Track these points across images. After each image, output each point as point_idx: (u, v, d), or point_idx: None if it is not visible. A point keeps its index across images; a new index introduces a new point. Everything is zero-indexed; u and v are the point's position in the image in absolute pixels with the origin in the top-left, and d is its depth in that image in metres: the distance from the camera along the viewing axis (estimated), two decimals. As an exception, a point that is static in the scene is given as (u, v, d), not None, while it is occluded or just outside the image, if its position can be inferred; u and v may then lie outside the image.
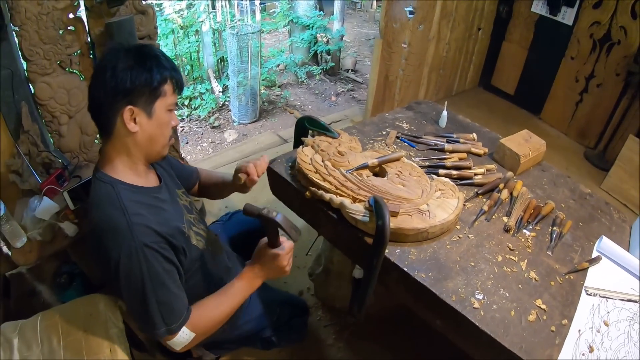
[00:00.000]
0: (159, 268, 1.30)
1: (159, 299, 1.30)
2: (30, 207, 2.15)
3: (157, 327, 1.32)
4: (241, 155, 4.20)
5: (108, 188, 1.33)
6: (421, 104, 2.55)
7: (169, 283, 1.33)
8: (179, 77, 1.41)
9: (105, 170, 1.37)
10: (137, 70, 1.29)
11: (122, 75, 1.27)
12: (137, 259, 1.25)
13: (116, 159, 1.37)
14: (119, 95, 1.28)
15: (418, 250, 1.53)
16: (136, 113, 1.31)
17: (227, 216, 2.24)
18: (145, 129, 1.34)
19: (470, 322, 1.31)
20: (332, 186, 1.64)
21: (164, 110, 1.37)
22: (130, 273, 1.27)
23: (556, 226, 1.71)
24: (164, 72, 1.33)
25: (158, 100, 1.34)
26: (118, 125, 1.31)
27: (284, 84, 6.33)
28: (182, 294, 1.38)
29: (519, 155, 1.95)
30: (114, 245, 1.26)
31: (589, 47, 3.98)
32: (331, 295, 2.44)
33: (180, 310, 1.35)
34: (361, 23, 9.29)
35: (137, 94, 1.29)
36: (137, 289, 1.28)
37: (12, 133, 2.27)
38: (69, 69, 2.36)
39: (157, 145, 1.41)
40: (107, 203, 1.31)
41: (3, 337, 1.64)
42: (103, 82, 1.28)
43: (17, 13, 2.07)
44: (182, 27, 5.60)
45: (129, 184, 1.37)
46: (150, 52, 1.35)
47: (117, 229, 1.26)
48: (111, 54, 1.32)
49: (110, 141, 1.36)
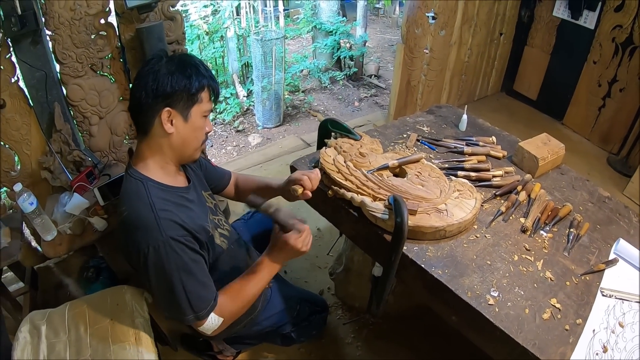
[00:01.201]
0: (186, 258, 1.37)
1: (186, 288, 1.37)
2: (61, 203, 2.24)
3: (186, 314, 1.40)
4: (265, 158, 4.25)
5: (139, 184, 1.41)
6: (442, 107, 2.58)
7: (196, 272, 1.40)
8: (216, 85, 1.48)
9: (137, 168, 1.44)
10: (178, 77, 1.37)
11: (164, 80, 1.35)
12: (165, 252, 1.32)
13: (149, 157, 1.45)
14: (159, 98, 1.36)
15: (435, 248, 1.57)
16: (173, 115, 1.39)
17: (248, 215, 2.30)
18: (180, 132, 1.42)
19: (485, 318, 1.34)
20: (353, 185, 1.69)
21: (199, 116, 1.44)
22: (158, 265, 1.34)
23: (573, 228, 1.72)
24: (202, 80, 1.41)
25: (195, 105, 1.42)
26: (155, 125, 1.39)
27: (308, 89, 6.37)
28: (210, 283, 1.45)
29: (538, 158, 1.97)
30: (143, 239, 1.33)
31: (611, 51, 3.92)
32: (351, 294, 2.48)
33: (207, 298, 1.43)
34: (384, 29, 9.29)
35: (176, 98, 1.37)
36: (166, 280, 1.36)
37: (45, 132, 2.37)
38: (100, 72, 2.45)
39: (190, 148, 1.49)
40: (137, 198, 1.39)
41: (31, 324, 1.71)
42: (145, 84, 1.36)
43: (51, 18, 2.16)
44: (208, 33, 5.69)
45: (159, 182, 1.44)
46: (190, 60, 1.43)
47: (146, 223, 1.34)
48: (155, 59, 1.40)
49: (146, 140, 1.43)
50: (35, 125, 2.34)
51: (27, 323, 1.71)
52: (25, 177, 2.42)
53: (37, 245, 2.56)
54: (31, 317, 1.75)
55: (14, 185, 1.98)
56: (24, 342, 1.64)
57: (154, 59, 1.41)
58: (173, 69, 1.38)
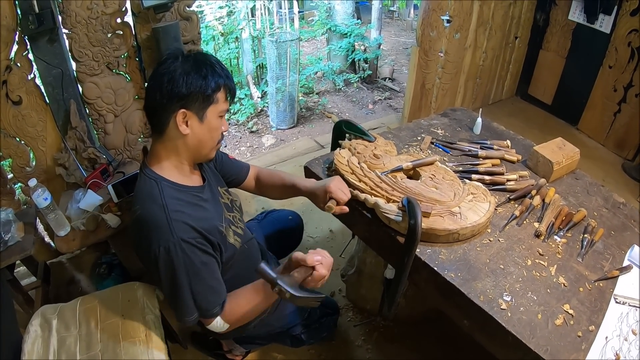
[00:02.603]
0: (196, 261, 1.37)
1: (194, 289, 1.39)
2: (75, 199, 2.26)
3: (189, 315, 1.42)
4: (278, 159, 4.26)
5: (152, 184, 1.41)
6: (456, 111, 2.57)
7: (205, 275, 1.41)
8: (232, 85, 1.47)
9: (152, 167, 1.45)
10: (193, 77, 1.35)
11: (179, 81, 1.34)
12: (175, 253, 1.33)
13: (164, 157, 1.45)
14: (174, 99, 1.35)
15: (448, 251, 1.56)
16: (189, 116, 1.38)
17: (262, 215, 2.30)
18: (196, 132, 1.41)
19: (497, 323, 1.34)
20: (367, 187, 1.70)
21: (215, 116, 1.43)
22: (168, 265, 1.35)
23: (587, 233, 1.70)
24: (218, 80, 1.39)
25: (211, 106, 1.40)
26: (171, 126, 1.38)
27: (322, 91, 6.38)
28: (219, 286, 1.46)
29: (552, 163, 1.96)
30: (154, 239, 1.34)
31: (627, 55, 3.87)
32: (362, 296, 2.47)
33: (214, 301, 1.44)
34: (398, 31, 9.29)
35: (192, 99, 1.36)
36: (175, 280, 1.37)
37: (61, 129, 2.40)
38: (116, 71, 2.48)
39: (206, 148, 1.48)
40: (150, 198, 1.39)
41: (42, 318, 1.73)
42: (160, 85, 1.35)
43: (68, 17, 2.19)
44: (223, 34, 5.72)
45: (173, 182, 1.44)
46: (206, 60, 1.41)
47: (158, 224, 1.34)
48: (170, 59, 1.39)
49: (161, 140, 1.43)
50: (50, 122, 2.37)
51: (39, 317, 1.73)
52: (40, 173, 2.45)
53: (50, 241, 2.60)
54: (42, 311, 1.76)
55: (29, 181, 2.00)
56: (34, 336, 1.66)
57: (169, 58, 1.39)
58: (189, 69, 1.36)
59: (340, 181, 1.68)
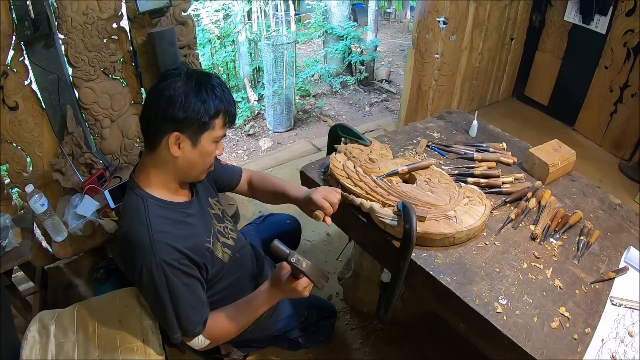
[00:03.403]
0: (178, 282, 1.36)
1: (176, 309, 1.38)
2: (72, 204, 2.27)
3: (173, 332, 1.43)
4: (275, 162, 4.27)
5: (139, 201, 1.39)
6: (452, 113, 2.58)
7: (187, 296, 1.40)
8: (233, 111, 1.42)
9: (139, 182, 1.43)
10: (192, 100, 1.31)
11: (177, 102, 1.30)
12: (157, 273, 1.32)
13: (153, 173, 1.42)
14: (169, 121, 1.31)
15: (444, 255, 1.57)
16: (182, 140, 1.34)
17: (260, 219, 2.30)
18: (187, 156, 1.38)
19: (493, 326, 1.34)
20: (362, 191, 1.70)
21: (209, 142, 1.39)
22: (150, 284, 1.34)
23: (583, 236, 1.71)
24: (218, 106, 1.35)
25: (206, 132, 1.36)
26: (162, 145, 1.35)
27: (319, 94, 6.39)
28: (200, 306, 1.45)
29: (548, 165, 1.96)
30: (138, 258, 1.33)
31: (623, 55, 3.89)
32: (359, 299, 2.48)
33: (196, 321, 1.43)
34: (395, 33, 9.31)
35: (187, 123, 1.32)
36: (156, 299, 1.37)
37: (57, 134, 2.41)
38: (112, 76, 2.49)
39: (195, 171, 1.46)
40: (135, 217, 1.37)
41: (40, 323, 1.73)
42: (157, 103, 1.32)
43: (64, 22, 2.20)
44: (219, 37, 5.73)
45: (160, 199, 1.42)
46: (209, 82, 1.36)
47: (141, 243, 1.33)
48: (172, 76, 1.35)
49: (152, 155, 1.40)
50: (47, 128, 2.37)
51: (37, 322, 1.73)
52: (37, 178, 2.45)
53: (47, 246, 2.60)
54: (40, 317, 1.76)
55: (26, 187, 2.01)
56: (32, 341, 1.65)
57: (171, 75, 1.35)
58: (189, 90, 1.32)
59: (326, 189, 1.65)
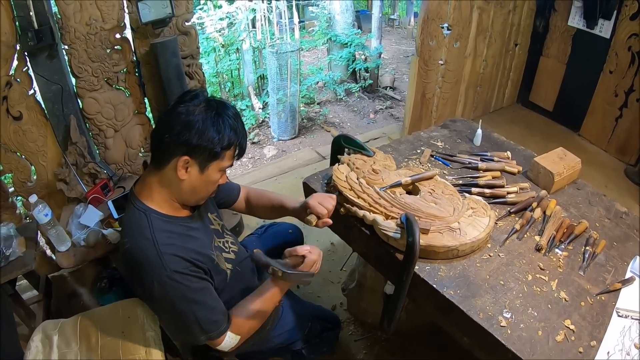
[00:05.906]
0: (193, 289, 1.37)
1: (197, 315, 1.38)
2: (76, 214, 2.27)
3: (198, 337, 1.42)
4: (280, 170, 4.26)
5: (142, 216, 1.39)
6: (456, 122, 2.56)
7: (205, 299, 1.40)
8: (244, 144, 1.46)
9: (142, 198, 1.43)
10: (208, 129, 1.33)
11: (193, 128, 1.32)
12: (170, 285, 1.32)
13: (156, 190, 1.43)
14: (182, 145, 1.33)
15: (448, 268, 1.55)
16: (190, 164, 1.36)
17: (262, 229, 2.29)
18: (193, 180, 1.39)
19: (497, 340, 1.33)
20: (365, 203, 1.69)
21: (216, 170, 1.41)
22: (166, 298, 1.34)
23: (589, 246, 1.69)
24: (232, 138, 1.38)
25: (215, 161, 1.38)
26: (170, 165, 1.36)
27: (323, 101, 6.40)
28: (219, 305, 1.45)
29: (553, 174, 1.95)
30: (147, 274, 1.33)
31: (628, 60, 3.86)
32: (363, 310, 2.47)
33: (219, 320, 1.43)
34: (399, 40, 9.31)
35: (199, 150, 1.34)
36: (176, 311, 1.37)
37: (61, 144, 2.42)
38: (116, 86, 2.50)
39: (198, 196, 1.47)
40: (139, 232, 1.37)
41: (43, 333, 1.72)
42: (173, 125, 1.33)
43: (67, 33, 2.21)
44: (223, 45, 5.75)
45: (162, 213, 1.43)
46: (227, 113, 1.39)
47: (149, 259, 1.33)
48: (192, 100, 1.37)
49: (157, 173, 1.41)
50: (51, 138, 2.38)
51: (40, 332, 1.72)
52: (41, 187, 2.46)
53: (52, 254, 2.60)
54: (44, 327, 1.76)
55: (30, 197, 2.02)
56: (35, 351, 1.65)
57: (192, 98, 1.39)
58: (207, 118, 1.34)
59: (322, 195, 1.68)
